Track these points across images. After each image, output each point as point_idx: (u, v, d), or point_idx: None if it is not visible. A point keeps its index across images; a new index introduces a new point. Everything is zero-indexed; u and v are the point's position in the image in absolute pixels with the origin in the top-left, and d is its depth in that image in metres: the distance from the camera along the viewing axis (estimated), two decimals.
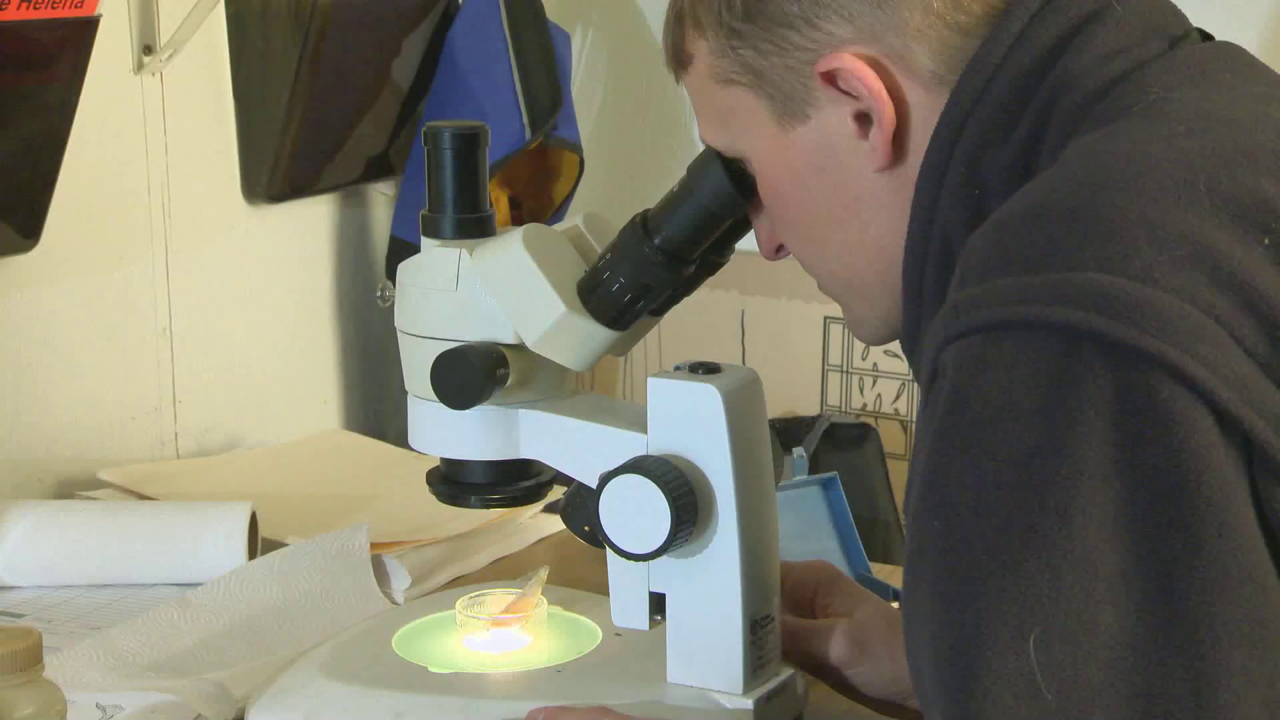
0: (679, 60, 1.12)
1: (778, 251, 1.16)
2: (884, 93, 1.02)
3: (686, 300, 1.27)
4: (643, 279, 1.19)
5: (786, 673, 1.25)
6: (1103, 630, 0.78)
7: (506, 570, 1.61)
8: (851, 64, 1.01)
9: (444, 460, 1.30)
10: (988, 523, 0.81)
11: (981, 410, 0.83)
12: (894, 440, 2.31)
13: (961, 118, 1.00)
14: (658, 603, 1.23)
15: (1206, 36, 1.04)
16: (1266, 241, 0.84)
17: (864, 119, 1.03)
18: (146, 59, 1.82)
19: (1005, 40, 1.00)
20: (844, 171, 1.05)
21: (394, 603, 1.53)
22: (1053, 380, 0.81)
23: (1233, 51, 1.03)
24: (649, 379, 1.21)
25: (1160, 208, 0.84)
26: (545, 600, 1.37)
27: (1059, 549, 0.79)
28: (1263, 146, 0.89)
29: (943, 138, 1.00)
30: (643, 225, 1.19)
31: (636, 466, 1.17)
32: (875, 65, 1.02)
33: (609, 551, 1.21)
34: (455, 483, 1.30)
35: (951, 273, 0.97)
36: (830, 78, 1.03)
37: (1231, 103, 0.95)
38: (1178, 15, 1.04)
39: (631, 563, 1.20)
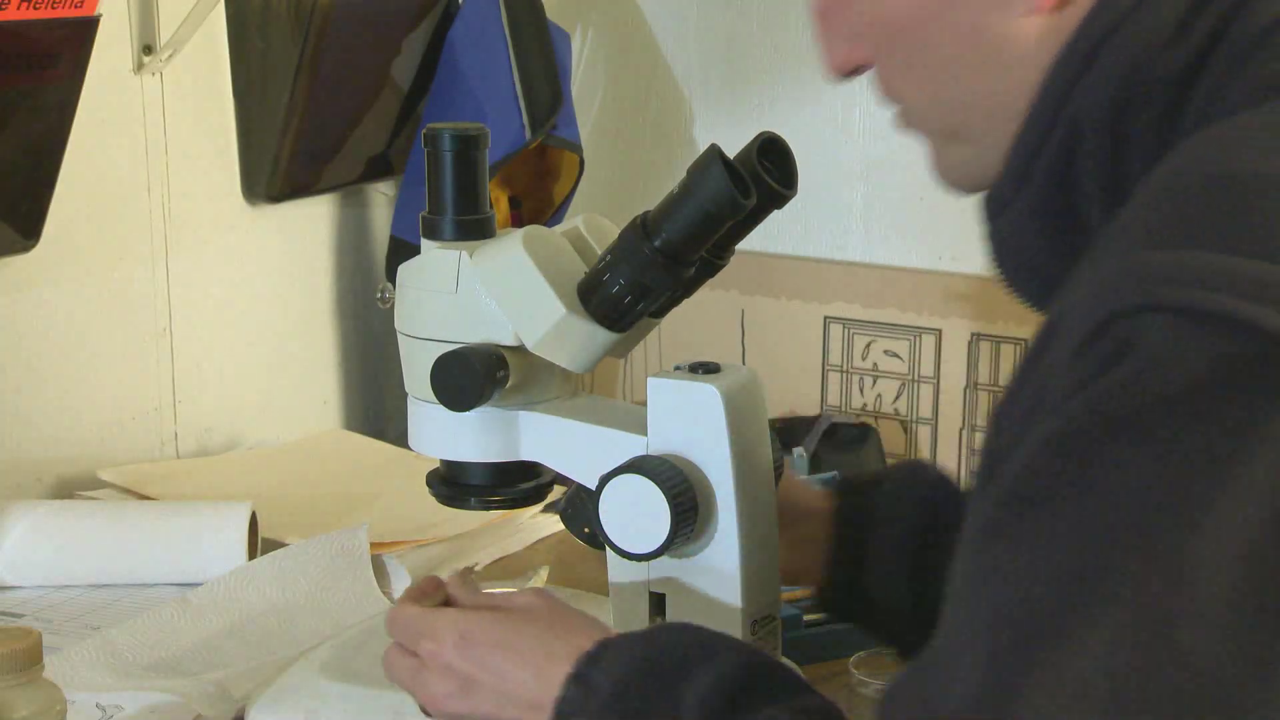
0: None
1: (852, 73, 1.03)
2: None
3: (686, 300, 1.27)
4: (643, 280, 1.19)
5: None
6: (1183, 648, 0.72)
7: (507, 570, 1.61)
8: None
9: (444, 462, 1.30)
10: (1118, 514, 0.75)
11: (1158, 401, 0.75)
12: (894, 440, 2.31)
13: (1133, 1, 0.90)
14: (658, 603, 1.23)
15: None
16: None
17: None
18: (146, 59, 1.82)
19: None
20: (989, 12, 0.94)
21: (394, 603, 1.53)
22: (1244, 391, 0.74)
23: None
24: (649, 379, 1.21)
25: None
26: None
27: (1175, 559, 0.73)
28: None
29: (1106, 15, 0.90)
30: (643, 226, 1.18)
31: (636, 466, 1.17)
32: None
33: (609, 551, 1.21)
34: (455, 484, 1.30)
35: (1074, 158, 0.90)
36: None
37: None
38: None
39: (631, 563, 1.20)
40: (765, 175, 1.22)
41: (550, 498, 1.33)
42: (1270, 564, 0.73)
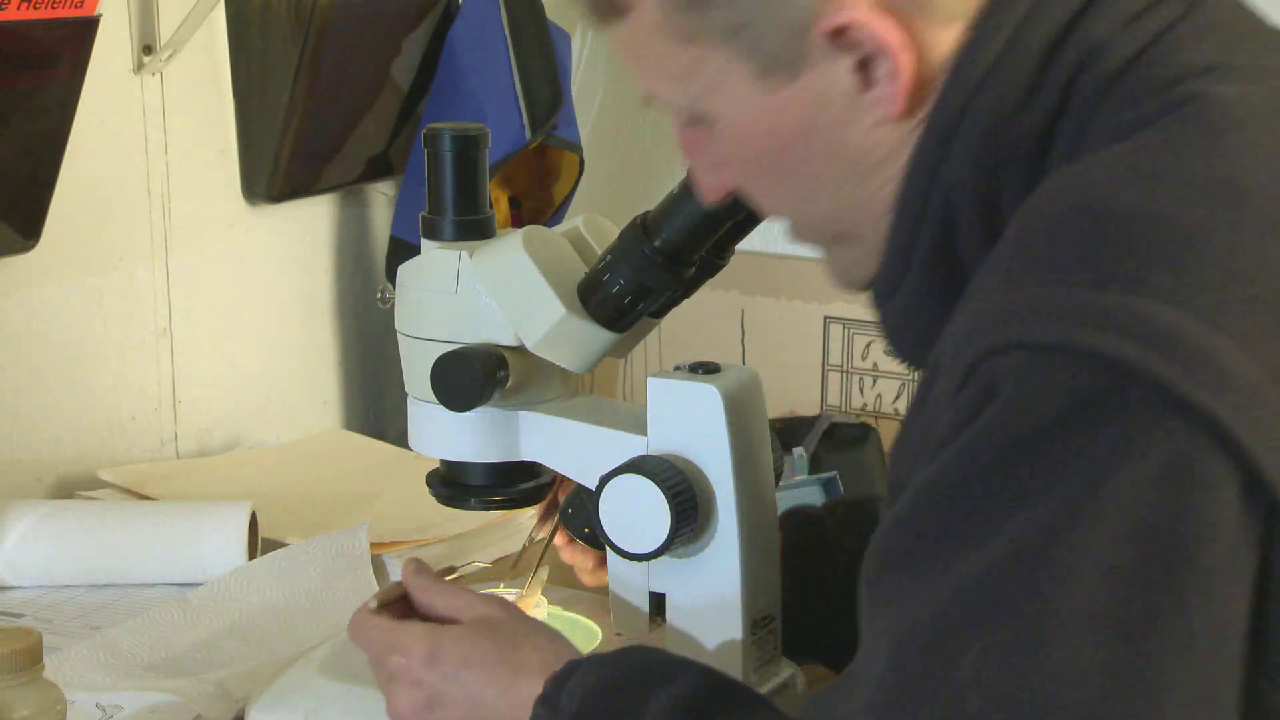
0: (609, 8, 0.98)
1: (724, 195, 1.06)
2: (902, 42, 0.92)
3: (686, 300, 1.27)
4: (643, 281, 1.19)
5: (786, 673, 1.25)
6: (1049, 662, 0.78)
7: (506, 570, 1.61)
8: (865, 16, 0.91)
9: (444, 462, 1.30)
10: (992, 545, 0.80)
11: (1024, 438, 0.80)
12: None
13: (979, 76, 0.92)
14: (658, 603, 1.23)
15: None
16: None
17: (866, 66, 0.93)
18: (146, 59, 1.82)
19: None
20: (842, 129, 0.96)
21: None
22: (1102, 420, 0.78)
23: (1240, 8, 0.97)
24: (649, 379, 1.21)
25: (1241, 232, 0.80)
26: (545, 600, 1.38)
27: (1044, 580, 0.78)
28: None
29: (955, 95, 0.93)
30: (643, 226, 1.19)
31: (636, 466, 1.17)
32: (888, 11, 0.92)
33: (609, 551, 1.21)
34: (455, 484, 1.30)
35: (952, 234, 0.93)
36: (838, 33, 0.92)
37: None
38: None
39: (631, 563, 1.20)
40: None
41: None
42: (1129, 580, 0.78)
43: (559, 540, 1.37)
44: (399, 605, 1.20)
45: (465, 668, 1.11)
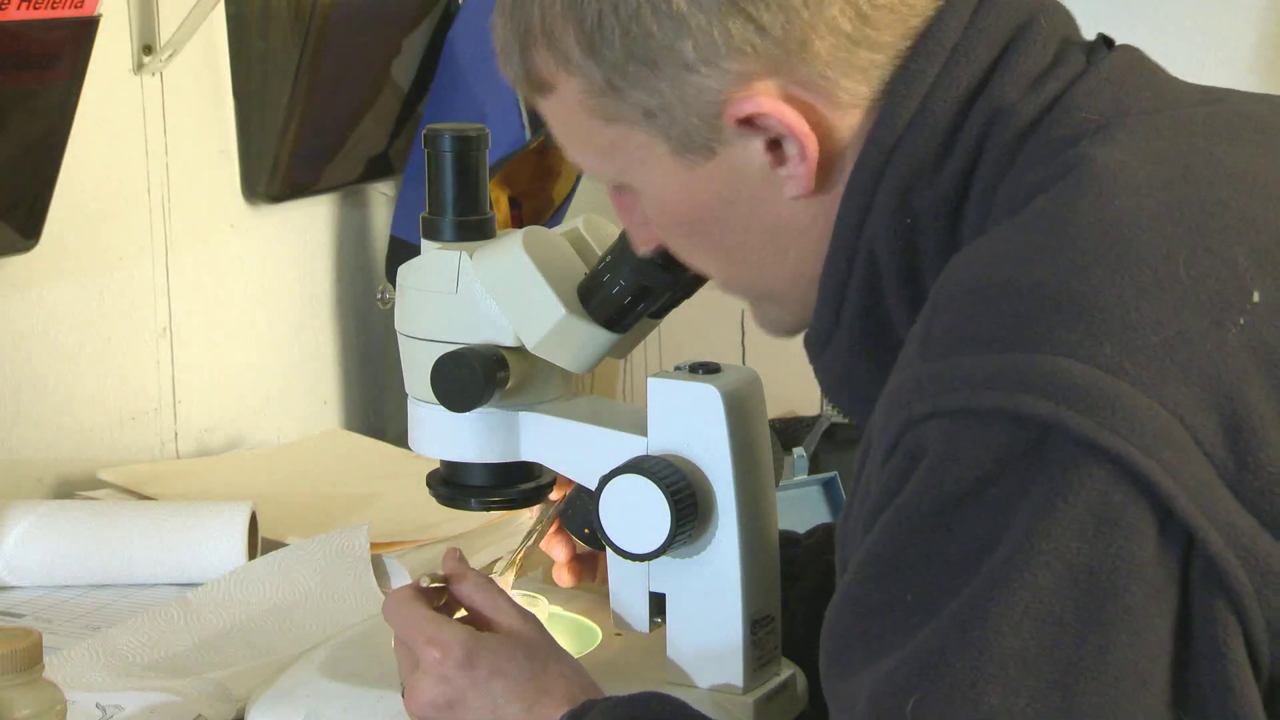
0: (535, 85, 1.04)
1: (656, 249, 1.12)
2: (807, 128, 0.97)
3: (686, 300, 1.27)
4: (642, 281, 1.19)
5: (787, 672, 1.25)
6: (985, 708, 0.80)
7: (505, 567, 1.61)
8: (770, 106, 0.96)
9: (444, 462, 1.30)
10: (931, 603, 0.83)
11: (951, 499, 0.83)
12: None
13: (892, 141, 0.97)
14: (658, 603, 1.23)
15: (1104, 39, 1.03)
16: (1241, 322, 0.83)
17: (777, 145, 0.99)
18: (146, 59, 1.82)
19: (935, 61, 0.96)
20: (758, 203, 1.01)
21: None
22: (1026, 474, 0.82)
23: (1138, 60, 1.01)
24: (649, 379, 1.21)
25: (1136, 287, 0.83)
26: (545, 600, 1.38)
27: (980, 631, 0.81)
28: (1228, 206, 0.88)
29: (871, 161, 0.97)
30: None
31: (636, 466, 1.18)
32: (792, 100, 0.97)
33: (609, 552, 1.21)
34: (455, 485, 1.30)
35: (877, 295, 0.98)
36: (745, 120, 0.97)
37: (1180, 143, 0.93)
38: (1072, 17, 1.02)
39: (631, 563, 1.20)
40: None
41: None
42: (1059, 624, 0.81)
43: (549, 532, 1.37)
44: (431, 593, 1.20)
45: (497, 677, 1.13)
